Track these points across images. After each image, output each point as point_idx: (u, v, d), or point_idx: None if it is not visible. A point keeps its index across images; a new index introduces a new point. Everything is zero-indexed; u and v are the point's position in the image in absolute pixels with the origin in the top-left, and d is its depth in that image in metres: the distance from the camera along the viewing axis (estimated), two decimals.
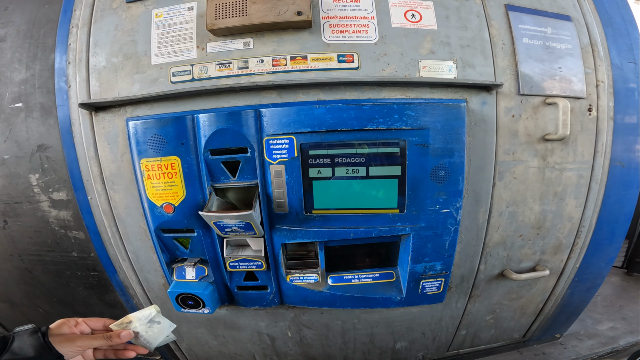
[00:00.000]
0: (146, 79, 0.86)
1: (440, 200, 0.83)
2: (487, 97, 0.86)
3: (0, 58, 1.01)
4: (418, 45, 0.84)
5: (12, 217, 1.08)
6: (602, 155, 0.96)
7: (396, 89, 0.85)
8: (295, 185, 0.81)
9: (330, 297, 0.93)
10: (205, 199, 0.82)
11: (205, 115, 0.79)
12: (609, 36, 0.94)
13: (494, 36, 0.86)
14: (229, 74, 0.85)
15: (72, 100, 0.90)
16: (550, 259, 1.06)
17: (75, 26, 0.90)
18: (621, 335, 1.43)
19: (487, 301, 1.12)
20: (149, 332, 0.55)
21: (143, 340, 0.55)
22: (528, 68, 0.86)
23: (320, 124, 0.78)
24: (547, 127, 0.89)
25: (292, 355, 1.22)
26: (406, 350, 1.24)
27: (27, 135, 1.00)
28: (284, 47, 0.84)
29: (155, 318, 0.56)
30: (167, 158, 0.81)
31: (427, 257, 0.88)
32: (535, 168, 0.92)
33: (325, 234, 0.84)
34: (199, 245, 0.88)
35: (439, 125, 0.80)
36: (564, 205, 0.97)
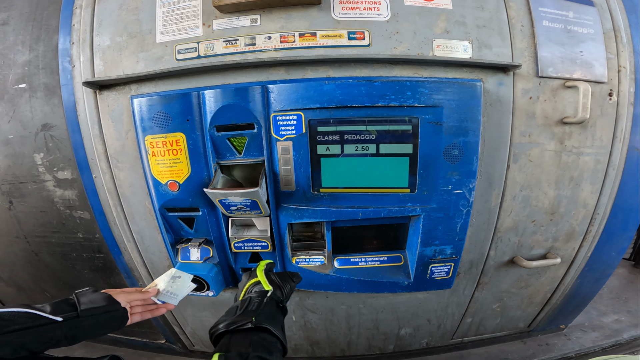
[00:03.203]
0: (151, 57, 0.84)
1: (453, 181, 0.80)
2: (503, 78, 0.83)
3: (4, 41, 1.00)
4: (432, 24, 0.81)
5: (17, 197, 1.07)
6: (621, 140, 0.93)
7: (408, 67, 0.82)
8: (302, 163, 0.79)
9: (336, 280, 0.92)
10: (210, 176, 0.81)
11: (211, 92, 0.77)
12: (632, 23, 0.91)
13: (512, 17, 0.83)
14: (236, 50, 0.83)
15: (76, 80, 0.89)
16: (562, 246, 1.03)
17: (79, 7, 0.88)
18: (625, 329, 1.42)
19: (495, 289, 1.10)
20: (173, 287, 0.68)
21: (170, 294, 0.67)
22: (547, 51, 0.84)
23: (329, 100, 0.75)
24: (565, 110, 0.86)
25: (296, 339, 1.22)
26: (410, 337, 1.23)
27: (31, 115, 0.99)
28: (292, 23, 0.82)
29: (176, 274, 0.69)
30: (172, 134, 0.79)
31: (437, 240, 0.86)
32: (552, 151, 0.89)
33: (333, 214, 0.83)
34: (204, 224, 0.87)
35: (454, 103, 0.77)
36: (579, 190, 0.94)
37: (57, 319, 0.48)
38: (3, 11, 1.02)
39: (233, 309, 0.60)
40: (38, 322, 0.46)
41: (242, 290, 0.70)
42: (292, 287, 0.72)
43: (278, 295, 0.66)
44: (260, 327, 0.54)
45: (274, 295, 0.65)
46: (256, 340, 0.51)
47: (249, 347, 0.49)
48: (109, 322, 0.54)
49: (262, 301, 0.61)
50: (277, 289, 0.68)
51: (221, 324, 0.55)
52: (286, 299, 0.69)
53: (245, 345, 0.49)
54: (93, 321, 0.52)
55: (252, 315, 0.55)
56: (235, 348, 0.49)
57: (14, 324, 0.44)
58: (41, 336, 0.46)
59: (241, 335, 0.53)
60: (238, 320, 0.54)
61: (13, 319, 0.45)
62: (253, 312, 0.57)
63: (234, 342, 0.51)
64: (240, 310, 0.58)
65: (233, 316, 0.56)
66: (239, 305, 0.60)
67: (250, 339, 0.51)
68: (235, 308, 0.60)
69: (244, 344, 0.50)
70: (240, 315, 0.56)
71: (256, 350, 0.49)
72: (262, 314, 0.57)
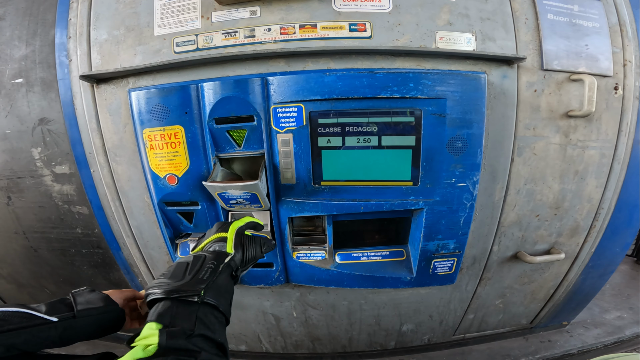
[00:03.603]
0: (149, 50, 0.83)
1: (456, 173, 0.79)
2: (508, 70, 0.82)
3: (0, 36, 0.99)
4: (435, 15, 0.80)
5: (15, 192, 1.06)
6: (626, 134, 0.92)
7: (411, 59, 0.81)
8: (303, 155, 0.78)
9: (337, 275, 0.91)
10: (209, 169, 0.80)
11: (210, 84, 0.76)
12: (638, 17, 0.90)
13: (517, 10, 0.82)
14: (235, 43, 0.82)
15: (73, 74, 0.88)
16: (566, 241, 1.02)
17: (76, 1, 0.87)
18: (627, 325, 1.41)
19: (497, 284, 1.09)
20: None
21: None
22: (552, 44, 0.83)
23: (330, 92, 0.74)
24: (570, 103, 0.85)
25: (297, 335, 1.21)
26: (412, 333, 1.22)
27: (28, 110, 0.98)
28: (292, 15, 0.80)
29: None
30: (170, 127, 0.78)
31: (440, 234, 0.85)
32: (557, 145, 0.88)
33: (334, 207, 0.81)
34: (203, 218, 0.86)
35: (458, 95, 0.75)
36: (584, 185, 0.93)
37: (52, 319, 0.46)
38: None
39: (181, 268, 0.52)
40: (32, 322, 0.45)
41: (202, 243, 0.61)
42: (256, 257, 0.63)
43: (237, 262, 0.58)
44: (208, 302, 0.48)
45: (232, 262, 0.56)
46: (201, 316, 0.46)
47: (193, 324, 0.44)
48: (106, 323, 0.52)
49: (216, 268, 0.52)
50: (239, 254, 0.59)
51: (162, 287, 0.47)
52: (243, 269, 0.61)
53: (190, 321, 0.44)
54: (89, 322, 0.50)
55: (202, 286, 0.48)
56: (180, 322, 0.43)
57: (8, 323, 0.43)
58: (35, 336, 0.44)
59: (186, 306, 0.46)
60: (184, 290, 0.47)
61: (7, 318, 0.43)
62: (203, 282, 0.49)
63: (178, 315, 0.45)
64: (190, 274, 0.50)
65: (179, 280, 0.49)
66: (189, 264, 0.52)
67: (196, 313, 0.45)
68: (184, 266, 0.52)
69: (189, 319, 0.44)
70: (188, 282, 0.48)
71: (200, 329, 0.44)
72: (212, 287, 0.49)
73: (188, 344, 0.41)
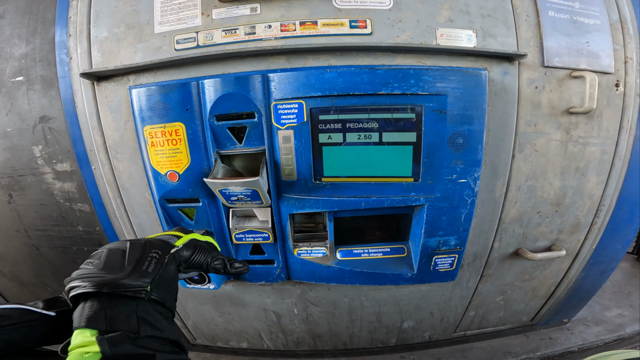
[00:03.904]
0: (149, 47, 0.83)
1: (457, 170, 0.79)
2: (509, 67, 0.82)
3: (0, 34, 1.00)
4: (435, 12, 0.80)
5: (16, 190, 1.07)
6: (627, 131, 0.92)
7: (412, 55, 0.81)
8: (304, 151, 0.78)
9: (338, 272, 0.91)
10: (210, 166, 0.80)
11: (210, 81, 0.76)
12: (638, 15, 0.90)
13: (517, 7, 0.82)
14: (235, 40, 0.81)
15: (73, 72, 0.88)
16: (567, 238, 1.02)
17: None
18: (628, 323, 1.41)
19: (498, 281, 1.09)
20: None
21: None
22: (553, 41, 0.83)
23: (331, 88, 0.74)
24: (572, 100, 0.85)
25: (298, 332, 1.22)
26: (413, 330, 1.23)
27: (29, 108, 0.98)
28: (293, 12, 0.80)
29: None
30: (171, 124, 0.78)
31: (441, 230, 0.85)
32: (558, 141, 0.88)
33: (335, 204, 0.81)
34: (205, 215, 0.86)
35: (459, 92, 0.75)
36: (585, 181, 0.93)
37: (50, 314, 0.46)
38: None
39: (115, 256, 0.43)
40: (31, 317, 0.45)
41: (156, 234, 0.55)
42: (202, 265, 0.55)
43: (183, 257, 0.51)
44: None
45: (178, 254, 0.49)
46: (143, 315, 0.39)
47: (136, 326, 0.38)
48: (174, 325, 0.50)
49: (161, 259, 0.45)
50: (188, 252, 0.51)
51: (91, 279, 0.39)
52: (185, 271, 0.54)
53: (131, 322, 0.38)
54: None
55: (147, 280, 0.41)
56: (119, 325, 0.37)
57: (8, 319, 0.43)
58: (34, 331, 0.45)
59: (123, 304, 0.39)
60: (126, 285, 0.39)
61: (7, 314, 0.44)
62: (148, 275, 0.42)
63: (116, 317, 0.38)
64: (130, 264, 0.42)
65: (117, 272, 0.40)
66: (126, 251, 0.44)
67: (136, 312, 0.39)
68: (119, 254, 0.43)
69: (128, 320, 0.38)
70: (130, 275, 0.41)
71: (146, 330, 0.38)
72: (159, 282, 0.43)
73: (137, 349, 0.36)
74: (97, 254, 0.44)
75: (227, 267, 0.57)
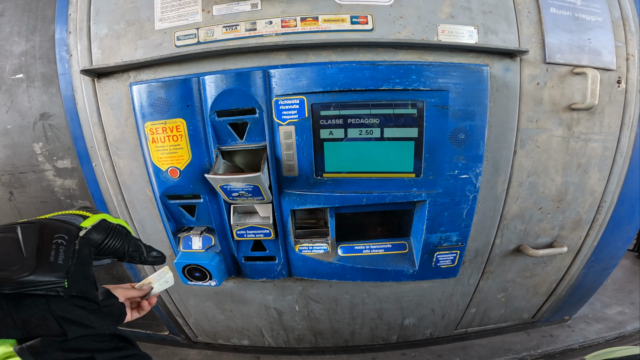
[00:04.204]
0: (150, 44, 0.83)
1: (459, 165, 0.79)
2: (510, 63, 0.82)
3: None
4: (436, 8, 0.80)
5: (17, 187, 1.07)
6: (629, 127, 0.91)
7: (413, 51, 0.81)
8: (305, 147, 0.78)
9: (340, 268, 0.91)
10: (211, 162, 0.80)
11: (211, 77, 0.76)
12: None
13: (519, 4, 0.82)
14: (236, 36, 0.81)
15: (74, 69, 0.88)
16: (569, 235, 1.02)
17: None
18: (629, 321, 1.41)
19: (500, 278, 1.09)
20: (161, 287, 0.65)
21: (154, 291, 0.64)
22: (555, 37, 0.83)
23: (332, 84, 0.74)
24: (573, 96, 0.85)
25: (299, 329, 1.22)
26: (414, 327, 1.23)
27: (29, 105, 0.98)
28: (293, 8, 0.80)
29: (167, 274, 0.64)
30: (172, 120, 0.78)
31: (442, 226, 0.85)
32: (560, 137, 0.88)
33: (337, 199, 0.81)
34: (206, 212, 0.86)
35: (460, 87, 0.75)
36: (586, 177, 0.93)
37: None
38: None
39: (4, 244, 0.33)
40: None
41: (51, 213, 0.41)
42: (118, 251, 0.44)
43: (95, 239, 0.40)
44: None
45: (88, 238, 0.38)
46: (61, 314, 0.32)
47: (58, 328, 0.31)
48: (107, 317, 0.48)
49: (72, 247, 0.35)
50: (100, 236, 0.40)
51: None
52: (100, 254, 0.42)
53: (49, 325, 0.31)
54: None
55: (60, 274, 0.33)
56: (34, 330, 0.30)
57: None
58: None
59: (30, 304, 0.31)
60: (35, 282, 0.31)
61: None
62: (61, 268, 0.33)
63: (23, 320, 0.30)
64: (31, 256, 0.32)
65: (15, 266, 0.31)
66: (16, 238, 0.33)
67: (50, 312, 0.31)
68: (9, 242, 0.33)
69: (45, 324, 0.31)
70: (39, 269, 0.32)
71: (73, 330, 0.31)
72: (75, 274, 0.34)
73: (67, 354, 0.30)
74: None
75: (143, 255, 0.48)
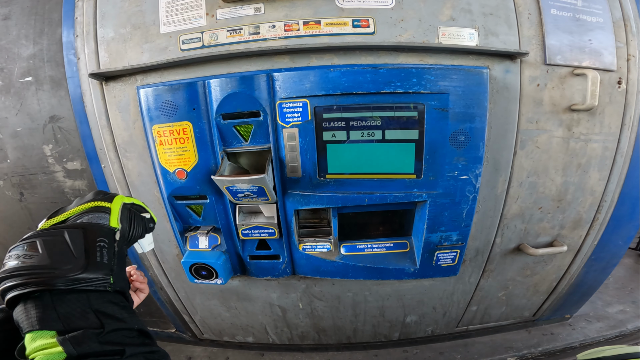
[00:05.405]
0: (155, 47, 0.84)
1: (459, 166, 0.80)
2: (510, 65, 0.83)
3: (7, 35, 1.02)
4: (437, 11, 0.81)
5: (28, 188, 1.09)
6: (629, 128, 0.92)
7: (414, 54, 0.81)
8: (308, 149, 0.80)
9: (342, 267, 0.93)
10: (217, 164, 0.82)
11: (216, 80, 0.78)
12: None
13: (519, 6, 0.83)
14: (240, 39, 0.83)
15: (82, 72, 0.90)
16: (569, 234, 1.03)
17: (81, 0, 0.88)
18: (630, 319, 1.42)
19: (500, 277, 1.10)
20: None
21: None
22: (555, 39, 0.84)
23: (335, 87, 0.75)
24: (574, 97, 0.86)
25: (303, 327, 1.24)
26: (416, 325, 1.24)
27: (38, 108, 1.00)
28: (296, 12, 0.81)
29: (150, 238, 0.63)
30: (178, 123, 0.80)
31: (443, 226, 0.87)
32: (560, 138, 0.89)
33: (339, 200, 0.83)
34: (212, 212, 0.88)
35: (460, 90, 0.76)
36: (587, 177, 0.94)
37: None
38: (4, 6, 1.03)
39: (58, 248, 0.36)
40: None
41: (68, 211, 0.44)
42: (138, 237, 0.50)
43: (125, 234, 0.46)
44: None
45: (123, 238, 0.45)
46: (100, 308, 0.36)
47: (97, 320, 0.35)
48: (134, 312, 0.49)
49: (112, 248, 0.41)
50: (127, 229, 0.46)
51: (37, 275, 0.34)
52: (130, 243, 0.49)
53: (89, 318, 0.34)
54: None
55: (107, 272, 0.38)
56: (75, 322, 0.34)
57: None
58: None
59: (73, 300, 0.35)
60: (87, 279, 0.36)
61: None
62: (106, 267, 0.38)
63: (69, 314, 0.34)
64: (80, 256, 0.37)
65: (70, 264, 0.35)
66: (67, 242, 0.37)
67: (90, 306, 0.35)
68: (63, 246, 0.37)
69: (85, 316, 0.34)
70: (90, 268, 0.36)
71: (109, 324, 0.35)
72: (118, 272, 0.40)
73: (104, 345, 0.33)
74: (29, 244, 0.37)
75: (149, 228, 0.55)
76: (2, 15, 1.02)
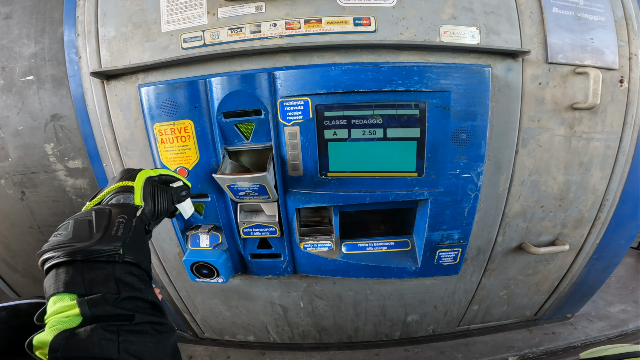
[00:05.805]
0: (157, 46, 0.85)
1: (460, 165, 0.80)
2: (512, 63, 0.83)
3: (8, 34, 1.02)
4: (439, 10, 0.81)
5: (29, 187, 1.10)
6: (631, 127, 0.92)
7: (415, 52, 0.81)
8: (310, 147, 0.80)
9: (343, 265, 0.93)
10: (218, 162, 0.82)
11: (217, 79, 0.78)
12: None
13: (521, 4, 0.83)
14: (241, 38, 0.83)
15: (83, 71, 0.90)
16: (571, 233, 1.03)
17: None
18: (631, 319, 1.41)
19: (502, 276, 1.10)
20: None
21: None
22: (557, 37, 0.83)
23: (336, 85, 0.75)
24: (576, 96, 0.86)
25: (304, 326, 1.24)
26: (417, 324, 1.24)
27: (40, 106, 1.01)
28: (297, 10, 0.81)
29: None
30: (180, 122, 0.80)
31: (444, 224, 0.86)
32: (562, 136, 0.89)
33: (341, 198, 0.83)
34: (213, 210, 0.88)
35: (462, 88, 0.76)
36: (589, 176, 0.94)
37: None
38: (5, 5, 1.03)
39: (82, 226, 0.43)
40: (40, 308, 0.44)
41: (102, 193, 0.51)
42: (169, 209, 0.55)
43: (148, 215, 0.50)
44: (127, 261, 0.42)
45: (144, 215, 0.49)
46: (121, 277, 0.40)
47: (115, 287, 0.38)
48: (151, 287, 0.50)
49: (129, 223, 0.45)
50: (150, 206, 0.51)
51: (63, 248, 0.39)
52: (155, 223, 0.54)
53: (110, 285, 0.38)
54: None
55: (118, 244, 0.42)
56: (98, 289, 0.37)
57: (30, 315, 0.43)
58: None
59: (98, 269, 0.39)
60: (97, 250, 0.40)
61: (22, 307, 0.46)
62: (119, 239, 0.42)
63: (93, 281, 0.38)
64: (98, 231, 0.42)
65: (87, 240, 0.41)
66: (92, 221, 0.43)
67: (113, 275, 0.39)
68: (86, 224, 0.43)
69: (107, 283, 0.38)
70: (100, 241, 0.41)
71: (125, 291, 0.38)
72: (130, 245, 0.43)
73: (117, 309, 0.36)
74: (64, 225, 0.44)
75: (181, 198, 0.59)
76: (3, 14, 1.02)
